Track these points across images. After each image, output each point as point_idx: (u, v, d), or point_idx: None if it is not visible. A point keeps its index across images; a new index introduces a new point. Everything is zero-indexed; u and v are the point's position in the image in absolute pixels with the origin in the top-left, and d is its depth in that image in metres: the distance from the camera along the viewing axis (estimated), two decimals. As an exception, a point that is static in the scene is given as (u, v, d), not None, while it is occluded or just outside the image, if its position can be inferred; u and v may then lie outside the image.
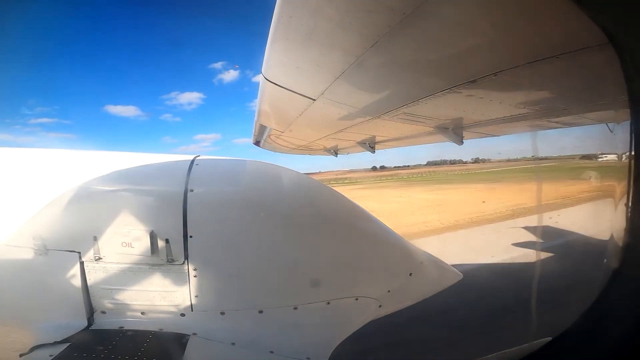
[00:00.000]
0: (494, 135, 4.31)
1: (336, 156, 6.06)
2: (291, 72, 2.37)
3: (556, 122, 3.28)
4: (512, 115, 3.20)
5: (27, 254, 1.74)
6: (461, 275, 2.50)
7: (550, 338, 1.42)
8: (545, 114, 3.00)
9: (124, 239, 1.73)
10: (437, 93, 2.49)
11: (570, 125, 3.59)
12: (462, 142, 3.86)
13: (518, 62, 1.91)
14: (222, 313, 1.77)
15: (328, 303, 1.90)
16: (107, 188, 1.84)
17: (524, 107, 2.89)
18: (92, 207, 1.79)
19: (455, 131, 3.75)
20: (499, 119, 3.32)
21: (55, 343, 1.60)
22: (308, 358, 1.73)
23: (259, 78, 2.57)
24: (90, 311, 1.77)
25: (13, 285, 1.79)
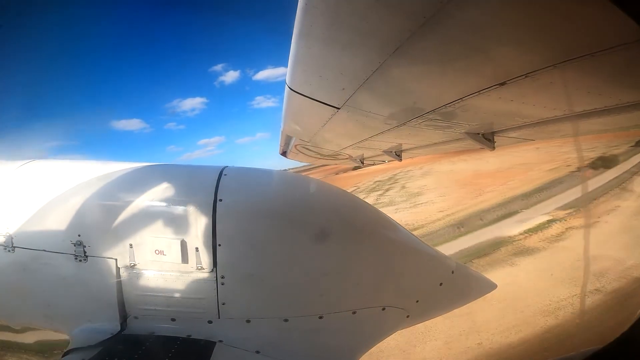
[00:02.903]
0: (529, 140, 4.11)
1: (362, 165, 6.03)
2: (315, 81, 2.41)
3: (595, 124, 3.08)
4: (546, 118, 3.05)
5: (68, 261, 1.84)
6: (496, 285, 2.39)
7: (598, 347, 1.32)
8: (583, 115, 2.83)
9: (157, 247, 1.80)
10: (465, 97, 2.43)
11: (609, 126, 3.36)
12: (494, 148, 3.72)
13: (549, 62, 1.83)
14: (248, 321, 1.80)
15: (354, 312, 1.87)
16: (142, 197, 1.93)
17: (558, 109, 2.74)
18: (128, 215, 1.88)
19: (486, 137, 3.63)
20: (532, 122, 3.17)
21: (89, 347, 1.68)
22: None
23: (283, 87, 2.64)
24: (124, 316, 1.83)
25: (53, 290, 1.91)
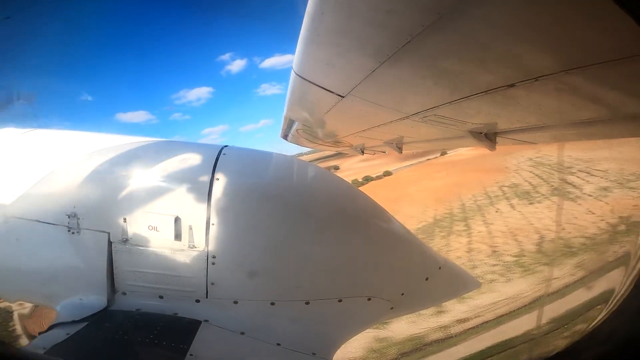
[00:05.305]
0: (531, 143, 4.09)
1: (362, 154, 6.01)
2: (321, 68, 2.37)
3: (600, 133, 3.06)
4: (551, 124, 3.03)
5: (61, 233, 1.83)
6: (480, 284, 2.47)
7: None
8: (589, 123, 2.81)
9: (151, 223, 1.80)
10: (472, 96, 2.40)
11: (615, 136, 3.33)
12: (495, 148, 3.71)
13: (561, 67, 1.80)
14: (236, 302, 1.81)
15: (340, 300, 1.91)
16: (139, 172, 1.92)
17: (565, 115, 2.72)
18: (125, 190, 1.87)
19: (489, 137, 3.60)
20: (537, 126, 3.14)
21: (74, 322, 1.68)
22: (314, 353, 1.75)
23: (290, 73, 2.59)
24: (112, 292, 1.83)
25: (44, 262, 1.90)
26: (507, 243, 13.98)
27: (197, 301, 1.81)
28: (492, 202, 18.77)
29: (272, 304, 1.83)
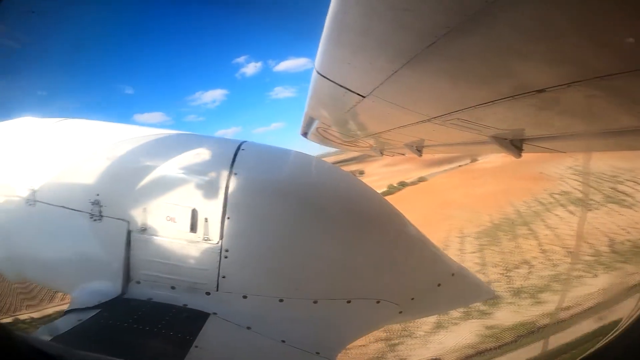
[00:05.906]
0: (559, 152, 3.90)
1: (381, 155, 5.94)
2: (343, 67, 2.35)
3: (633, 144, 2.87)
4: (583, 132, 2.87)
5: (83, 219, 1.89)
6: (494, 293, 2.40)
7: None
8: (627, 132, 2.64)
9: (169, 214, 1.85)
10: (498, 100, 2.31)
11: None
12: (521, 156, 3.56)
13: (597, 73, 1.70)
14: (245, 297, 1.83)
15: (349, 302, 1.89)
16: (161, 164, 1.97)
17: (599, 124, 2.57)
18: (146, 180, 1.93)
19: (514, 143, 3.46)
20: (567, 134, 2.99)
21: (87, 309, 1.72)
22: (317, 353, 1.75)
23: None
24: (127, 280, 1.88)
25: (65, 247, 1.97)
26: (579, 245, 14.24)
27: (208, 294, 1.83)
28: (548, 209, 18.58)
29: (281, 300, 1.83)
